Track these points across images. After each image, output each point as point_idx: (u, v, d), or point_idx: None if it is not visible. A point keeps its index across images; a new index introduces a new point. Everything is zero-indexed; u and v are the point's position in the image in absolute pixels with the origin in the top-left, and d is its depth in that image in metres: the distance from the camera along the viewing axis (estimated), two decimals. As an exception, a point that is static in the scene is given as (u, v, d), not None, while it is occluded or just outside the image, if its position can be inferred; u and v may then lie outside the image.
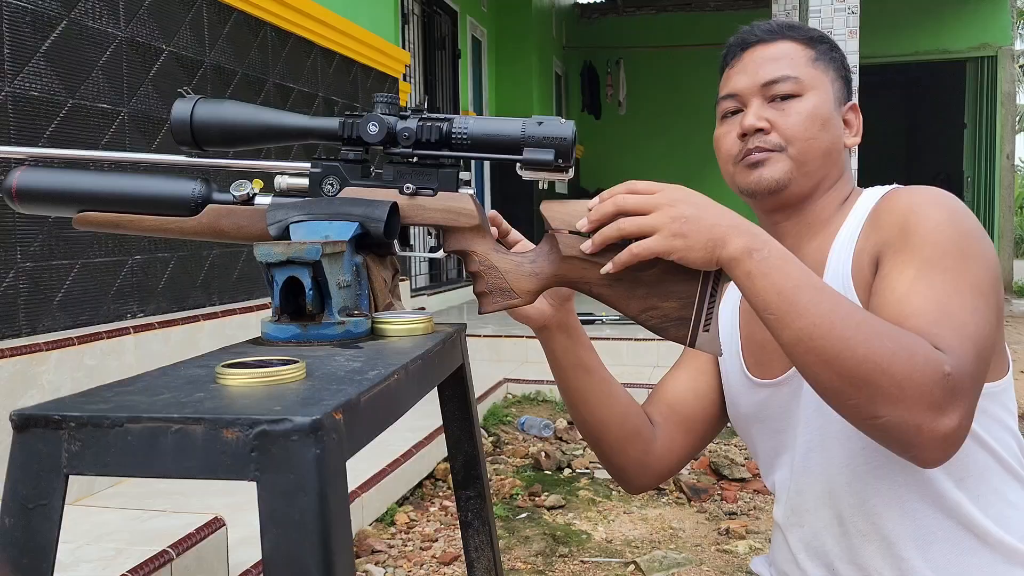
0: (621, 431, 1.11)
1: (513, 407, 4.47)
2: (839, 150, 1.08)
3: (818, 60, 1.08)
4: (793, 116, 1.05)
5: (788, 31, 1.10)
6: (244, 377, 0.60)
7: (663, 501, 3.21)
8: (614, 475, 1.17)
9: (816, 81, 1.07)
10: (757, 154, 1.05)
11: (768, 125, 1.05)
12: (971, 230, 0.95)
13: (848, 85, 1.12)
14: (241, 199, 0.88)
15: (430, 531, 2.83)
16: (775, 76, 1.06)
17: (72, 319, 2.72)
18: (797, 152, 1.05)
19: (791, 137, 1.05)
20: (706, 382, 1.20)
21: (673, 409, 1.18)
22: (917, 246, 0.93)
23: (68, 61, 2.69)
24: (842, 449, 1.03)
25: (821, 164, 1.06)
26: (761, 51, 1.09)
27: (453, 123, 0.85)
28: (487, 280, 0.87)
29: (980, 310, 0.89)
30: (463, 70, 7.98)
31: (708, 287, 0.85)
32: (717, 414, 1.21)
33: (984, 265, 0.92)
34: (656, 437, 1.16)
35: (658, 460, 1.15)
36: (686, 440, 1.18)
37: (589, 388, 1.08)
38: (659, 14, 11.88)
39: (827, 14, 5.31)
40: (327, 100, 4.49)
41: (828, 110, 1.06)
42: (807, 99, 1.06)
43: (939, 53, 10.78)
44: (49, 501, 0.51)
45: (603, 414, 1.10)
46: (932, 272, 0.90)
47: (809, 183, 1.06)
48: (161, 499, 2.31)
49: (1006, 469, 1.02)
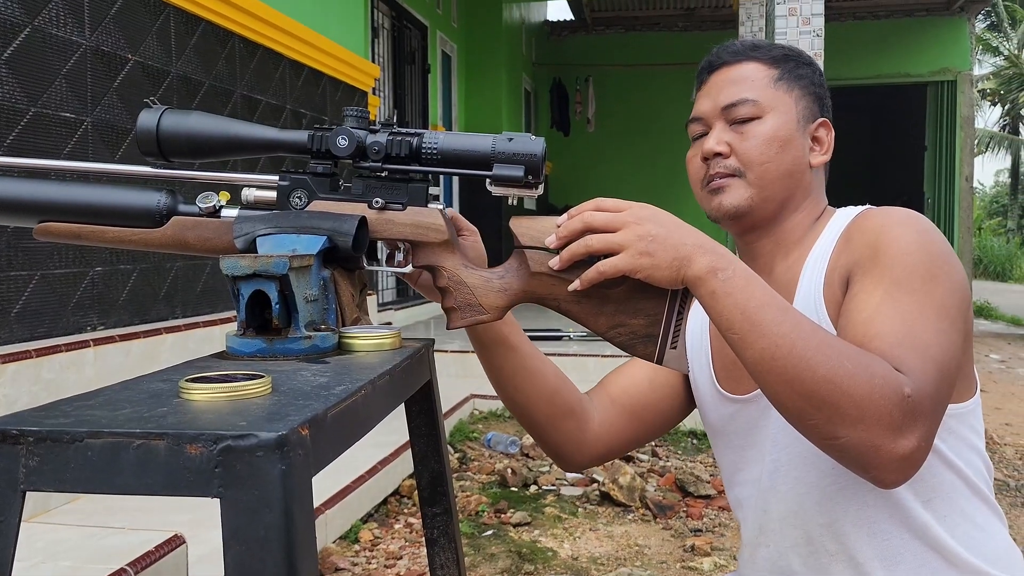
0: (551, 408, 1.09)
1: (480, 423, 4.45)
2: (802, 170, 1.07)
3: (781, 79, 1.07)
4: (751, 139, 1.05)
5: (752, 52, 1.09)
6: (208, 392, 0.59)
7: (629, 518, 3.22)
8: (549, 453, 1.16)
9: (777, 102, 1.06)
10: (717, 180, 1.06)
11: (728, 149, 1.05)
12: (940, 252, 0.95)
13: (821, 101, 1.11)
14: (207, 211, 0.87)
15: (395, 549, 2.81)
16: (733, 100, 1.06)
17: (30, 331, 2.66)
18: (755, 176, 1.05)
19: (748, 161, 1.05)
20: (665, 376, 1.19)
21: (625, 394, 1.17)
22: (886, 267, 0.93)
23: (31, 69, 2.65)
24: (811, 469, 1.04)
25: (783, 186, 1.06)
26: (725, 73, 1.09)
27: (423, 138, 0.85)
28: (456, 296, 0.87)
29: (945, 332, 0.89)
30: (432, 85, 7.99)
31: (676, 305, 0.86)
32: (671, 410, 1.20)
33: (952, 288, 0.93)
34: (594, 418, 1.14)
35: (595, 440, 1.14)
36: (630, 426, 1.17)
37: (514, 366, 1.05)
38: (628, 33, 12.01)
39: (793, 36, 5.40)
40: (295, 112, 4.47)
41: (788, 131, 1.06)
42: (766, 121, 1.05)
43: (901, 77, 11.02)
44: (5, 518, 0.50)
45: (530, 392, 1.07)
46: (899, 294, 0.91)
47: (772, 206, 1.06)
48: (119, 515, 2.26)
49: (973, 491, 1.03)
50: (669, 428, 1.23)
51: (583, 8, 11.49)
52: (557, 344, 5.37)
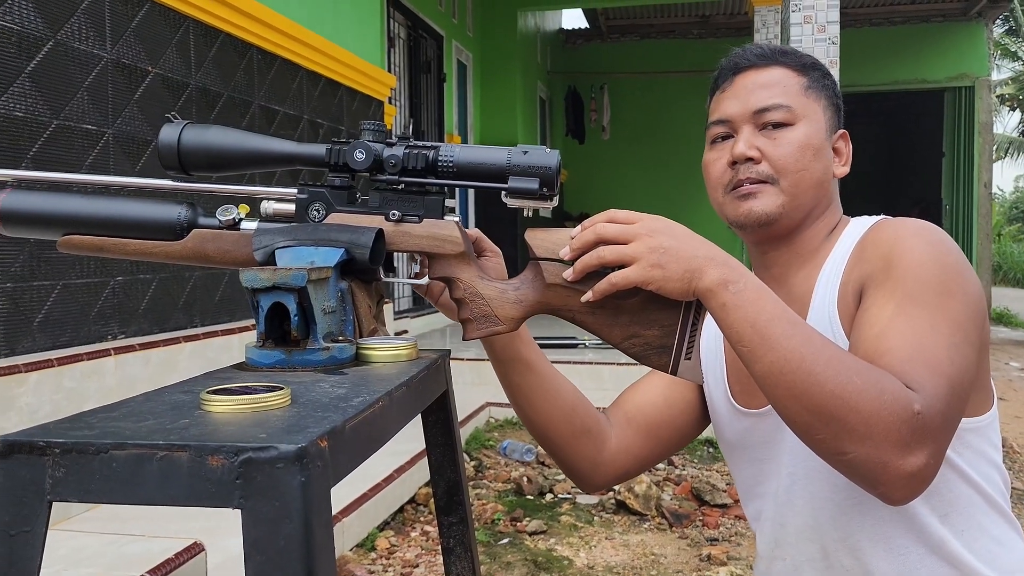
0: (568, 428, 1.09)
1: (495, 431, 4.45)
2: (830, 180, 1.07)
3: (811, 88, 1.06)
4: (785, 146, 1.03)
5: (781, 56, 1.07)
6: (229, 404, 0.60)
7: (645, 527, 3.21)
8: (567, 472, 1.15)
9: (808, 110, 1.04)
10: (748, 185, 1.03)
11: (759, 154, 1.03)
12: (955, 264, 0.94)
13: (839, 113, 1.10)
14: (227, 224, 0.88)
15: (411, 557, 2.81)
16: (767, 104, 1.04)
17: (52, 340, 2.69)
18: (789, 184, 1.03)
19: (783, 168, 1.03)
20: (680, 393, 1.19)
21: (639, 412, 1.17)
22: (899, 280, 0.92)
23: (53, 82, 2.69)
24: (826, 483, 1.03)
25: (813, 195, 1.04)
26: (753, 76, 1.06)
27: (439, 151, 0.86)
28: (472, 307, 0.87)
29: (958, 347, 0.88)
30: (448, 94, 8.02)
31: (690, 315, 0.86)
32: (687, 426, 1.19)
33: (966, 301, 0.92)
34: (611, 436, 1.14)
35: (612, 460, 1.13)
36: (646, 444, 1.16)
37: (531, 383, 1.05)
38: (643, 40, 12.02)
39: (808, 44, 5.39)
40: (312, 123, 4.51)
41: (820, 140, 1.04)
42: (799, 128, 1.03)
43: (918, 83, 10.97)
44: (32, 528, 0.51)
45: (547, 410, 1.07)
46: (912, 308, 0.90)
47: (799, 215, 1.05)
48: (139, 523, 2.28)
49: (990, 504, 1.02)
50: (685, 444, 1.22)
51: (598, 16, 11.51)
52: (572, 352, 5.36)
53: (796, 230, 1.07)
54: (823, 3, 5.35)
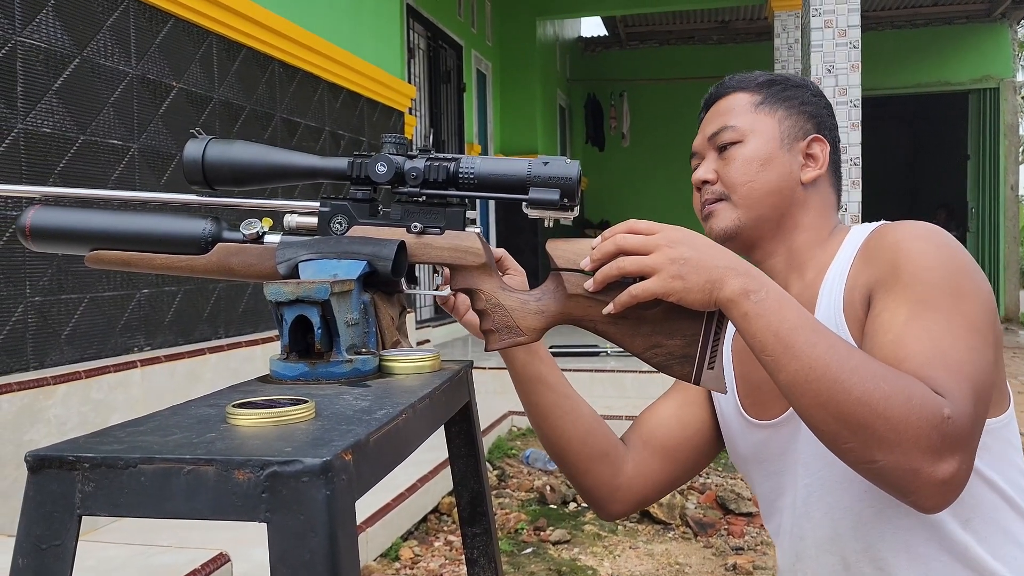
0: (584, 449, 1.10)
1: (518, 440, 4.45)
2: (791, 187, 1.08)
3: (763, 103, 1.10)
4: (732, 163, 1.08)
5: (739, 83, 1.13)
6: (254, 417, 0.61)
7: (669, 536, 3.19)
8: (585, 498, 1.15)
9: (758, 124, 1.09)
10: (707, 206, 1.10)
11: (714, 176, 1.09)
12: (963, 266, 0.94)
13: (814, 119, 1.12)
14: (251, 237, 0.89)
15: (435, 567, 2.81)
16: (716, 128, 1.10)
17: (79, 353, 2.73)
18: (740, 197, 1.07)
19: (731, 183, 1.08)
20: (694, 413, 1.19)
21: (654, 435, 1.17)
22: (909, 284, 0.92)
23: (80, 98, 2.73)
24: (845, 493, 1.02)
25: (771, 203, 1.07)
26: (715, 108, 1.14)
27: (460, 163, 0.86)
28: (493, 318, 0.88)
29: (977, 348, 0.87)
30: (468, 103, 8.05)
31: (712, 325, 0.85)
32: (703, 446, 1.19)
33: (978, 301, 0.91)
34: (628, 461, 1.14)
35: (629, 485, 1.14)
36: (664, 468, 1.16)
37: (549, 403, 1.07)
38: (662, 47, 12.01)
39: (829, 48, 5.36)
40: (334, 134, 4.54)
41: (769, 150, 1.08)
42: (747, 144, 1.08)
43: (941, 85, 10.86)
44: (62, 541, 0.52)
45: (565, 430, 1.09)
46: (926, 312, 0.89)
47: (766, 224, 1.08)
48: (164, 533, 2.30)
49: (1014, 508, 1.00)
50: (704, 465, 1.22)
51: (617, 24, 11.52)
52: (594, 360, 5.35)
53: (775, 239, 1.09)
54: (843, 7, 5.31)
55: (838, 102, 5.37)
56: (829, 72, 5.36)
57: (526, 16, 9.24)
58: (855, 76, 5.36)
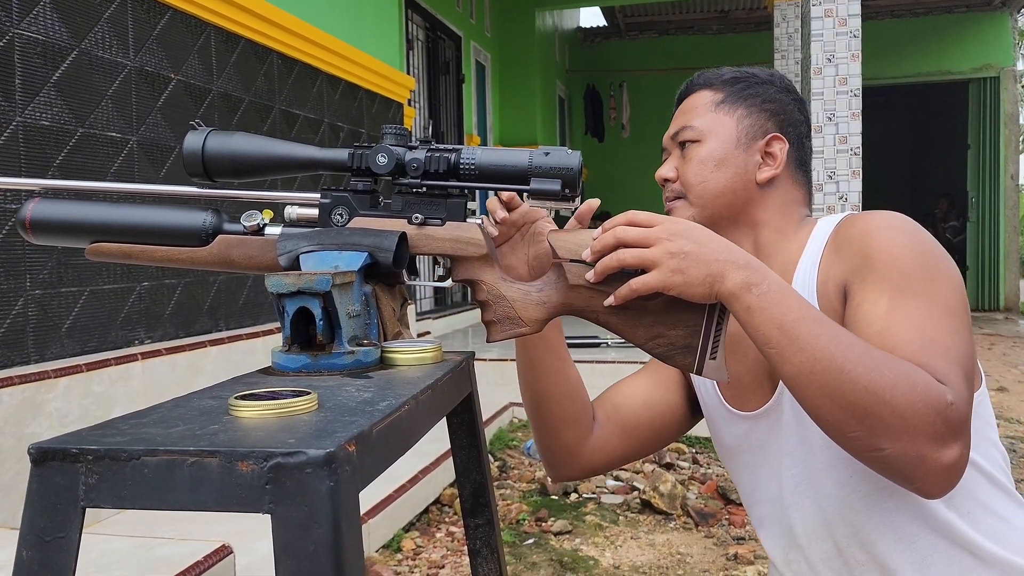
0: (560, 410, 1.12)
1: (519, 431, 4.45)
2: (745, 186, 1.09)
3: (723, 102, 1.11)
4: (688, 162, 1.10)
5: (705, 81, 1.14)
6: (257, 409, 0.61)
7: (671, 526, 3.19)
8: (543, 454, 1.18)
9: (715, 124, 1.10)
10: (668, 203, 1.12)
11: (674, 174, 1.11)
12: (932, 251, 0.95)
13: (776, 117, 1.12)
14: (251, 229, 0.88)
15: (436, 558, 2.82)
16: (676, 128, 1.13)
17: (80, 346, 2.73)
18: (694, 196, 1.09)
19: (686, 183, 1.10)
20: (662, 397, 1.20)
21: (619, 410, 1.19)
22: (884, 274, 0.93)
23: (78, 91, 2.73)
24: (830, 480, 1.03)
25: (725, 203, 1.09)
26: (682, 105, 1.15)
27: (461, 154, 0.86)
28: (495, 309, 0.87)
29: (958, 331, 0.89)
30: (467, 94, 8.03)
31: (715, 315, 0.85)
32: (663, 429, 1.21)
33: (950, 284, 0.93)
34: (593, 432, 1.16)
35: (588, 454, 1.16)
36: (621, 443, 1.18)
37: (542, 358, 1.09)
38: (661, 37, 11.98)
39: (829, 38, 5.34)
40: (333, 126, 4.53)
41: (723, 151, 1.09)
42: (704, 144, 1.10)
43: (941, 74, 10.84)
44: (66, 534, 0.52)
45: (549, 387, 1.10)
46: (905, 299, 0.90)
47: (720, 221, 1.09)
48: (166, 525, 2.30)
49: (992, 483, 1.02)
50: (662, 447, 1.25)
51: (616, 14, 11.48)
52: (595, 352, 5.36)
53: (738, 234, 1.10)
54: (844, -4, 5.30)
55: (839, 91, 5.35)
56: (829, 61, 5.35)
57: (525, 7, 9.21)
58: (855, 65, 5.35)
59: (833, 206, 5.34)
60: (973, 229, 10.97)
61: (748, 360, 1.10)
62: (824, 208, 5.31)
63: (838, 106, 5.35)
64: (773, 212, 1.10)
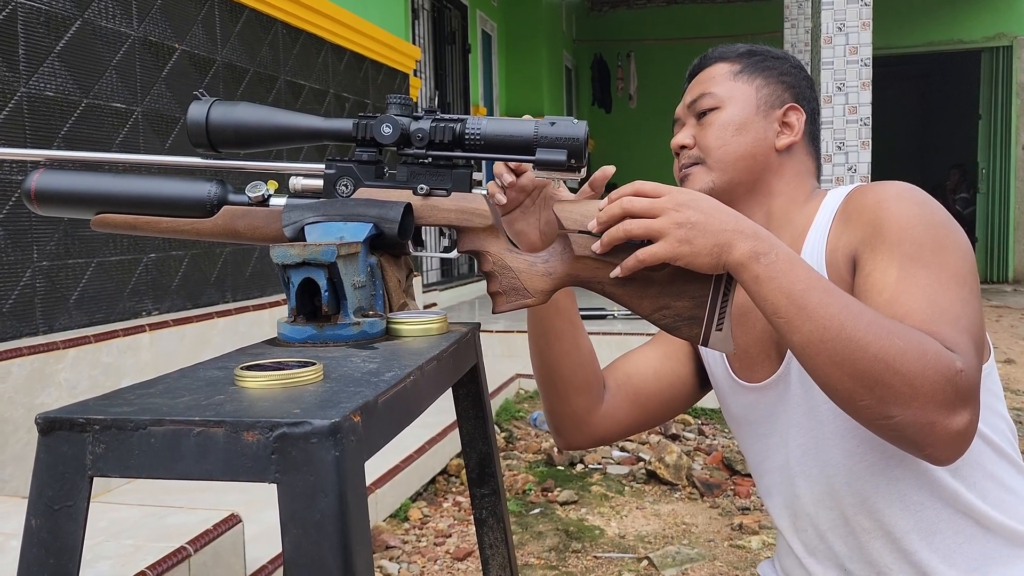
0: (573, 378, 1.12)
1: (525, 402, 4.47)
2: (764, 152, 1.10)
3: (742, 72, 1.13)
4: (708, 128, 1.11)
5: (720, 54, 1.16)
6: (263, 379, 0.61)
7: (676, 496, 3.21)
8: (552, 421, 1.18)
9: (735, 92, 1.11)
10: (683, 170, 1.13)
11: (691, 141, 1.12)
12: (943, 221, 0.96)
13: (792, 89, 1.14)
14: (256, 200, 0.88)
15: (443, 527, 2.85)
16: (695, 96, 1.13)
17: (88, 317, 2.74)
18: (714, 161, 1.10)
19: (706, 147, 1.10)
20: (671, 368, 1.21)
21: (630, 380, 1.19)
22: (894, 243, 0.93)
23: (82, 61, 2.71)
24: (837, 450, 1.04)
25: (744, 167, 1.09)
26: (697, 78, 1.17)
27: (466, 124, 0.85)
28: (501, 280, 0.87)
29: (968, 300, 0.90)
30: (473, 64, 7.97)
31: (721, 286, 0.85)
32: (672, 401, 1.22)
33: (960, 254, 0.93)
34: (603, 401, 1.17)
35: (597, 422, 1.16)
36: (631, 413, 1.19)
37: (555, 326, 1.10)
38: (669, 6, 11.83)
39: (840, 6, 5.27)
40: (338, 96, 4.51)
41: (744, 116, 1.10)
42: (724, 110, 1.11)
43: (953, 43, 10.68)
44: (74, 502, 0.52)
45: (561, 353, 1.11)
46: (916, 268, 0.91)
47: (738, 187, 1.10)
48: (176, 495, 2.33)
49: (999, 453, 1.03)
50: (670, 418, 1.26)
51: (624, -18, 11.34)
52: (601, 324, 5.36)
53: (750, 204, 1.10)
54: (855, -37, 5.22)
55: (849, 61, 5.29)
56: (840, 30, 5.28)
57: (532, -25, 9.11)
58: (866, 34, 5.28)
59: (842, 177, 5.30)
60: (983, 200, 10.89)
61: (756, 331, 1.10)
62: (833, 179, 5.27)
63: (848, 76, 5.29)
64: (788, 181, 1.11)
